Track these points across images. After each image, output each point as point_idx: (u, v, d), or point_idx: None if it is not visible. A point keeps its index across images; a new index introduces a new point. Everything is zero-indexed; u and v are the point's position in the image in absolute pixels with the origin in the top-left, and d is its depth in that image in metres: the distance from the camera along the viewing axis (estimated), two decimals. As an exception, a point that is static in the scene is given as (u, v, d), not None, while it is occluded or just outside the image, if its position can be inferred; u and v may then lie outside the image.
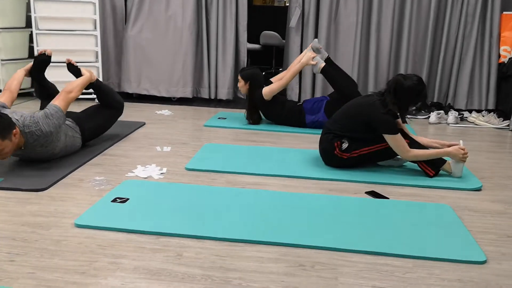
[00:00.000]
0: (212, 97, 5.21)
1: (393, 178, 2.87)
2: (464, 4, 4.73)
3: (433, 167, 2.90)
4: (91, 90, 3.41)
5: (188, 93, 5.05)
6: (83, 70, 3.30)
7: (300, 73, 5.04)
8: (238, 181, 2.78)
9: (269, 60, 7.29)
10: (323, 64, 4.00)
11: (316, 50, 4.14)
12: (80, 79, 3.17)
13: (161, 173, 2.85)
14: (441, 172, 2.95)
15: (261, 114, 4.24)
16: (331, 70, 3.99)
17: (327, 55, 4.17)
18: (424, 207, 2.45)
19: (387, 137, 2.84)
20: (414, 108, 2.95)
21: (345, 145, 2.92)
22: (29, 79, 4.08)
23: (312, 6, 4.94)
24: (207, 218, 2.21)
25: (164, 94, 5.05)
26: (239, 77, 4.13)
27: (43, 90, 3.31)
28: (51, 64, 3.36)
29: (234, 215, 2.26)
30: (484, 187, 2.81)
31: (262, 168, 2.97)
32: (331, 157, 2.99)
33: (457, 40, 4.82)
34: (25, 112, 2.79)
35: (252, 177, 2.86)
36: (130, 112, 4.45)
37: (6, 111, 2.74)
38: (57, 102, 2.84)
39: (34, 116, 2.70)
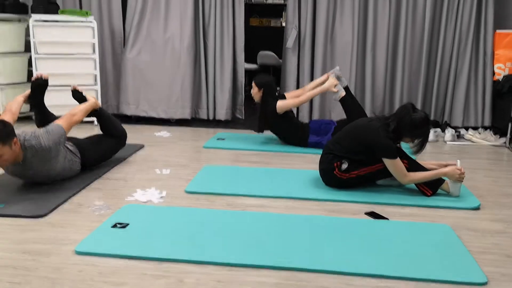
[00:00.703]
0: (211, 118, 5.24)
1: (393, 198, 2.88)
2: (458, 23, 4.80)
3: (431, 187, 2.92)
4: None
5: (186, 114, 5.08)
6: (87, 96, 3.34)
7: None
8: (238, 203, 2.79)
9: (266, 79, 7.35)
10: (343, 93, 4.05)
11: (337, 78, 4.17)
12: (85, 104, 3.22)
13: (161, 197, 2.86)
14: (439, 191, 2.96)
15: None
16: (349, 100, 4.05)
17: (346, 84, 4.20)
18: (424, 228, 2.46)
19: (386, 161, 2.86)
20: (411, 143, 2.94)
21: (344, 166, 2.94)
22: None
23: (308, 26, 5.00)
24: (208, 243, 2.21)
25: (162, 115, 5.08)
26: (253, 84, 4.15)
27: (42, 117, 3.31)
28: (50, 87, 3.37)
29: (235, 239, 2.26)
30: (482, 206, 2.83)
31: (262, 190, 2.98)
32: (331, 177, 3.01)
33: (452, 58, 4.88)
34: (27, 130, 2.84)
35: (252, 199, 2.86)
36: (129, 134, 4.39)
37: None
38: (60, 122, 2.90)
39: (35, 132, 2.77)
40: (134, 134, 4.51)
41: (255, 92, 4.14)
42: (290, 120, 4.16)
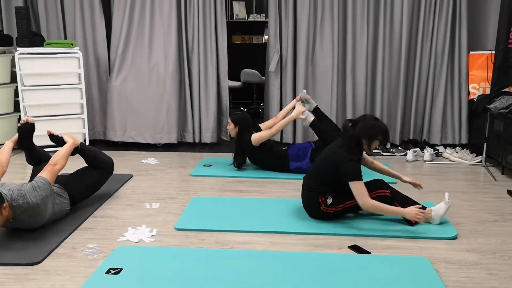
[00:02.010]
0: (197, 141, 5.34)
1: (374, 230, 3.01)
2: (433, 45, 4.98)
3: None
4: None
5: (173, 138, 5.17)
6: (65, 137, 3.35)
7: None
8: (227, 240, 2.90)
9: (250, 96, 7.48)
10: (312, 118, 4.19)
11: (305, 101, 4.34)
12: (64, 149, 3.19)
13: (152, 235, 2.95)
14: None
15: (246, 158, 4.38)
16: (319, 124, 4.20)
17: (315, 104, 4.37)
18: (403, 262, 2.60)
19: (350, 184, 2.96)
20: (379, 144, 3.12)
21: (329, 201, 3.07)
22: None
23: (290, 50, 5.14)
24: (199, 286, 2.32)
25: (149, 141, 5.17)
26: (229, 120, 4.32)
27: (33, 157, 3.39)
28: (37, 118, 3.41)
29: (224, 280, 2.37)
30: (459, 235, 2.97)
31: (249, 224, 3.09)
32: (316, 212, 3.13)
33: (428, 78, 5.06)
34: (14, 184, 2.86)
35: (240, 234, 2.97)
36: (117, 162, 4.48)
37: None
38: (44, 174, 2.91)
39: (22, 190, 2.76)
40: (122, 162, 4.59)
41: (231, 128, 4.30)
42: (268, 150, 4.29)
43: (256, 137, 4.17)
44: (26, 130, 3.32)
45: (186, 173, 4.30)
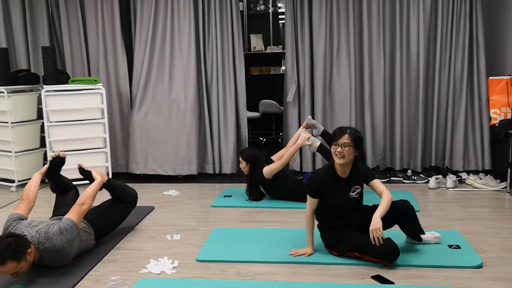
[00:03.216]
0: (217, 172, 5.38)
1: (398, 259, 2.96)
2: (451, 71, 4.98)
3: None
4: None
5: (193, 170, 5.23)
6: (94, 174, 3.45)
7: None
8: (248, 271, 2.89)
9: (269, 126, 7.55)
10: (318, 143, 4.21)
11: (312, 126, 4.37)
12: (92, 187, 3.25)
13: (173, 267, 2.97)
14: (443, 248, 3.09)
15: (263, 191, 4.39)
16: (325, 148, 4.19)
17: (323, 128, 4.40)
18: (428, 292, 2.55)
19: None
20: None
21: (329, 241, 3.09)
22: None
23: (307, 81, 5.20)
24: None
25: (170, 173, 5.23)
26: (240, 159, 4.35)
27: (58, 186, 3.50)
28: (65, 152, 3.56)
29: (246, 313, 2.36)
30: (485, 263, 2.91)
31: (270, 255, 3.08)
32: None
33: (448, 105, 5.04)
34: (41, 224, 2.90)
35: (261, 265, 2.96)
36: (139, 195, 4.51)
37: (23, 224, 2.89)
38: (71, 215, 2.96)
39: (49, 232, 2.79)
40: (144, 194, 4.64)
41: (243, 166, 4.35)
42: (283, 182, 4.30)
43: (267, 170, 4.20)
44: (57, 164, 3.48)
45: (206, 204, 4.33)
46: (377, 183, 3.06)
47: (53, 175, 3.48)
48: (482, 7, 4.85)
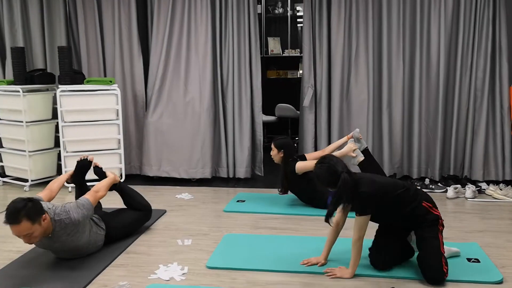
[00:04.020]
0: (231, 176, 5.32)
1: (414, 272, 2.86)
2: (473, 78, 4.85)
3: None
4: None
5: (207, 174, 5.18)
6: (107, 172, 3.52)
7: (316, 149, 5.17)
8: (258, 280, 2.82)
9: (285, 130, 7.47)
10: (362, 158, 4.09)
11: (357, 140, 4.21)
12: (105, 180, 3.38)
13: (183, 273, 2.91)
14: (462, 261, 2.97)
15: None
16: (367, 166, 4.06)
17: (366, 145, 4.23)
18: (445, 308, 2.45)
19: None
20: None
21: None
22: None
23: (324, 85, 5.12)
24: (229, 330, 2.24)
25: (184, 176, 5.19)
26: (272, 146, 4.25)
27: (82, 193, 3.47)
28: (76, 153, 3.59)
29: (255, 325, 2.29)
30: (505, 279, 2.79)
31: (282, 263, 3.01)
32: None
33: (468, 113, 4.90)
34: (58, 204, 2.99)
35: (273, 274, 2.89)
36: (152, 198, 4.52)
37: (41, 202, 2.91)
38: (87, 196, 3.07)
39: (66, 206, 2.92)
40: (156, 197, 4.60)
41: (275, 153, 4.23)
42: (310, 181, 4.20)
43: (301, 166, 4.08)
44: (82, 166, 3.53)
45: (219, 209, 4.27)
46: (356, 220, 2.81)
47: (78, 179, 3.53)
48: (506, 12, 4.71)
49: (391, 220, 2.94)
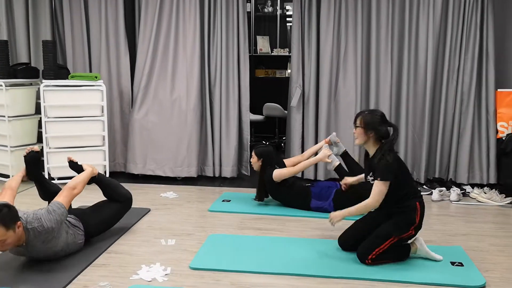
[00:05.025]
0: (217, 175, 5.28)
1: (398, 275, 2.86)
2: (460, 82, 4.87)
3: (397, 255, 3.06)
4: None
5: (193, 172, 5.13)
6: (84, 166, 3.39)
7: (303, 149, 5.15)
8: (243, 281, 2.79)
9: (272, 130, 7.45)
10: (337, 162, 4.14)
11: (334, 143, 4.28)
12: (82, 174, 3.25)
13: (165, 274, 2.87)
14: (445, 264, 2.98)
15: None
16: (343, 170, 4.14)
17: (344, 149, 4.28)
18: (429, 312, 2.44)
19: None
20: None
21: None
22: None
23: (312, 85, 5.10)
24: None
25: (169, 174, 5.14)
26: (253, 153, 4.26)
27: (44, 190, 3.38)
28: (60, 149, 3.44)
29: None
30: (488, 283, 2.80)
31: (267, 265, 2.98)
32: None
33: (455, 116, 4.92)
34: (29, 211, 2.87)
35: (257, 276, 2.86)
36: (136, 196, 4.45)
37: None
38: (60, 198, 2.95)
39: (37, 213, 2.79)
40: (140, 195, 4.55)
41: (255, 161, 4.25)
42: (290, 187, 4.18)
43: (277, 174, 4.09)
44: (32, 159, 3.33)
45: (204, 208, 4.23)
46: (375, 184, 2.99)
47: (33, 173, 3.33)
48: (493, 17, 4.74)
49: (388, 199, 3.02)
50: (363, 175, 3.40)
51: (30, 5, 5.20)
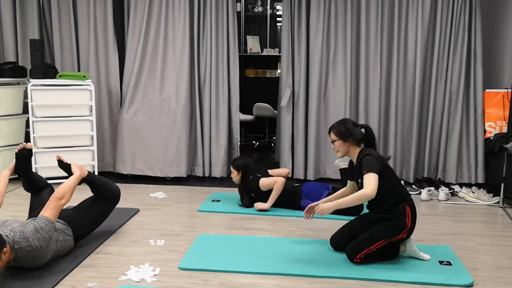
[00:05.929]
0: (206, 175, 5.27)
1: (386, 275, 2.87)
2: (448, 82, 4.90)
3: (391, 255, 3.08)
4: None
5: (182, 172, 5.11)
6: (73, 168, 3.29)
7: (293, 149, 5.16)
8: (232, 281, 2.78)
9: (262, 130, 7.45)
10: (343, 165, 4.17)
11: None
12: (70, 181, 3.09)
13: (154, 275, 2.85)
14: (434, 263, 2.99)
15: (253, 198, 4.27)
16: (347, 172, 4.09)
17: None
18: (417, 312, 2.45)
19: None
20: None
21: None
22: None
23: (302, 85, 5.10)
24: (200, 334, 2.20)
25: (158, 174, 5.11)
26: (232, 168, 4.25)
27: (31, 184, 3.31)
28: (48, 149, 3.35)
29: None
30: (476, 282, 2.82)
31: (256, 265, 2.97)
32: None
33: (443, 116, 4.96)
34: (16, 223, 2.77)
35: (247, 276, 2.86)
36: (125, 196, 4.44)
37: None
38: (47, 212, 2.81)
39: (24, 231, 2.66)
40: (130, 195, 4.52)
41: (234, 175, 4.24)
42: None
43: (264, 183, 4.10)
44: (23, 156, 3.25)
45: (193, 208, 4.21)
46: (365, 177, 2.89)
47: (22, 170, 3.26)
48: (481, 19, 4.78)
49: (375, 200, 2.95)
50: (344, 188, 3.38)
51: (17, 3, 5.14)
